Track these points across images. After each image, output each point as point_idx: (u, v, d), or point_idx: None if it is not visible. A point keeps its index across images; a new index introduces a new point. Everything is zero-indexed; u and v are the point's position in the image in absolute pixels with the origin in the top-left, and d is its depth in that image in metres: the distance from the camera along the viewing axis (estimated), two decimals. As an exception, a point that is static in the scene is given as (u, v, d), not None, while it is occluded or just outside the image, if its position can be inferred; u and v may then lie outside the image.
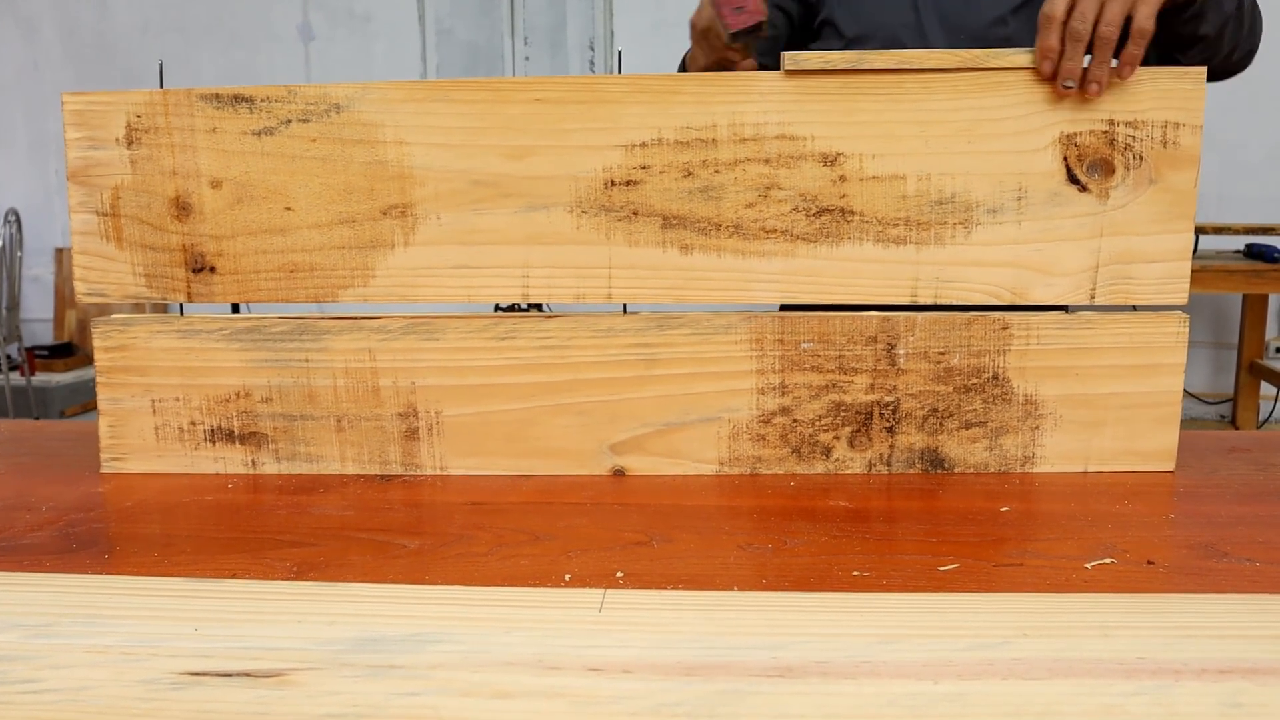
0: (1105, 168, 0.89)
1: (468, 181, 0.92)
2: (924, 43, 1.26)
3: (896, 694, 0.51)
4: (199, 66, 4.61)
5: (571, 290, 0.93)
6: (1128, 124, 0.89)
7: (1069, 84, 0.87)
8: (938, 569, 0.70)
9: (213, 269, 0.95)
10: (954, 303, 0.92)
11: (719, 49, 1.14)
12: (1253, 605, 0.61)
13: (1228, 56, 1.12)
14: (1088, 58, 0.87)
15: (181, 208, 0.94)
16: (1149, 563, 0.71)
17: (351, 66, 4.58)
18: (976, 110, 0.89)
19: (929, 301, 0.92)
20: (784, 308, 1.03)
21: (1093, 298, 0.91)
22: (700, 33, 1.16)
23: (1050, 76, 0.88)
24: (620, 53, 1.09)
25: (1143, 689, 0.51)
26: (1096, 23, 0.86)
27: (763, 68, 1.19)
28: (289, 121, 0.92)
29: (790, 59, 0.89)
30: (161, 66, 1.01)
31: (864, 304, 0.92)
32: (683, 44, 1.29)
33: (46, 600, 0.64)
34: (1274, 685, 0.51)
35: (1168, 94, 0.88)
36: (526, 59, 4.60)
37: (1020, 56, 0.88)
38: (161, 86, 0.94)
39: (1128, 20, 0.87)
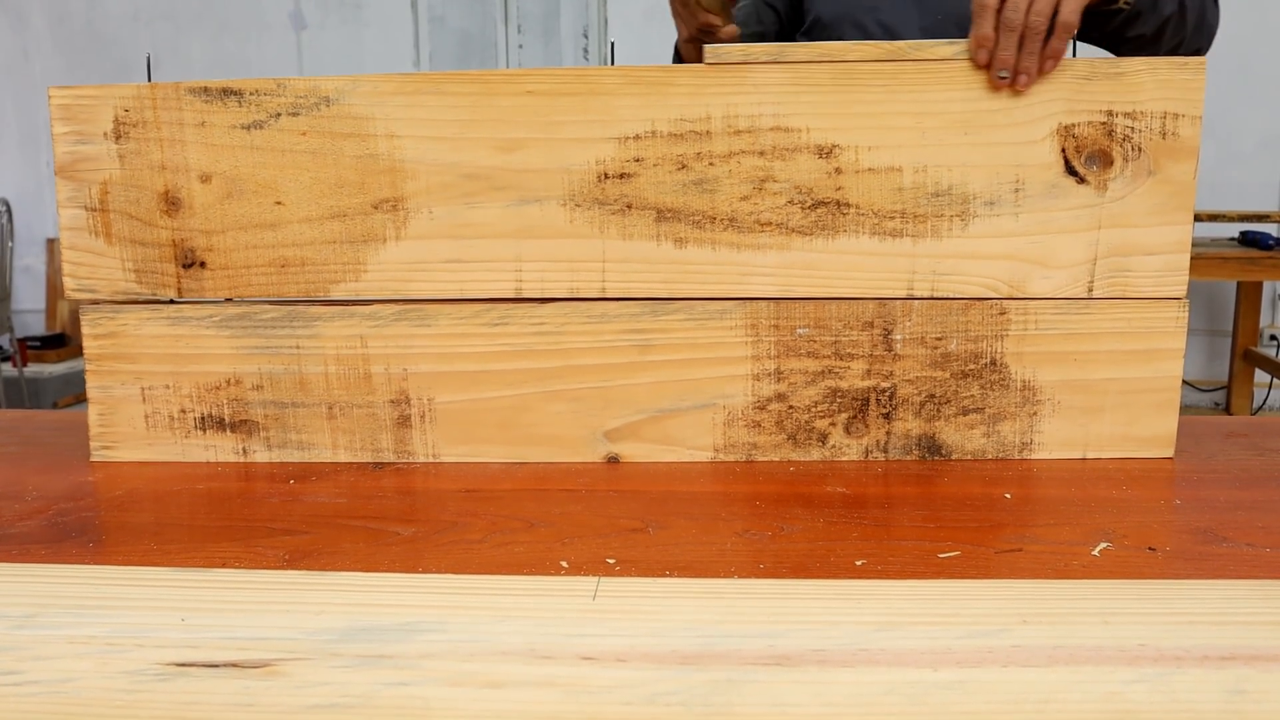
0: (1104, 159, 0.88)
1: (459, 175, 0.91)
2: (895, 24, 1.24)
3: (895, 682, 0.50)
4: (189, 55, 4.59)
5: (565, 284, 0.92)
6: (1126, 115, 0.88)
7: (1003, 74, 0.86)
8: (938, 555, 0.69)
9: (203, 264, 0.94)
10: (950, 296, 0.91)
11: (696, 13, 1.12)
12: (1254, 591, 0.60)
13: (1173, 50, 1.10)
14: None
15: (171, 202, 0.93)
16: (1149, 549, 0.70)
17: (343, 55, 4.56)
18: (973, 101, 0.88)
19: (925, 295, 0.91)
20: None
21: (1090, 290, 0.90)
22: (678, 2, 1.14)
23: (985, 65, 0.87)
24: (613, 43, 1.08)
25: (1144, 676, 0.50)
26: (1027, 13, 0.85)
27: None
28: (279, 115, 0.91)
29: (711, 52, 0.88)
30: (149, 60, 1.00)
31: (860, 297, 0.91)
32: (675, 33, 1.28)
33: (31, 590, 0.63)
34: (1277, 672, 0.50)
35: (1167, 84, 0.87)
36: (520, 47, 4.58)
37: (947, 48, 0.87)
38: (149, 80, 0.92)
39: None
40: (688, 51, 1.21)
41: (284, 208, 0.92)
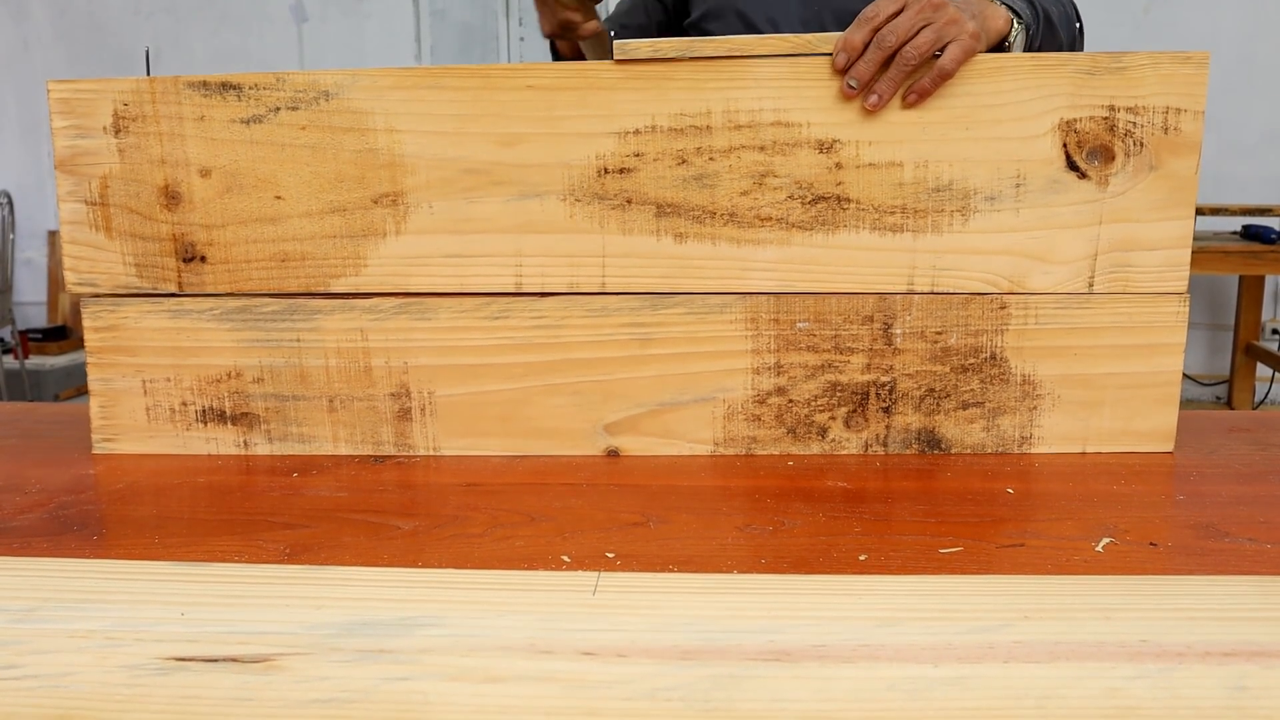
0: (1105, 154, 0.88)
1: (459, 169, 0.91)
2: (777, 16, 1.22)
3: (895, 677, 0.50)
4: (190, 48, 4.58)
5: (565, 279, 0.92)
6: (1128, 110, 0.87)
7: (853, 84, 0.86)
8: (939, 550, 0.69)
9: (203, 258, 0.94)
10: (951, 291, 0.90)
11: (555, 10, 1.12)
12: (1256, 587, 0.60)
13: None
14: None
15: (171, 197, 0.92)
16: (1151, 544, 0.70)
17: (344, 48, 4.55)
18: (974, 96, 0.87)
19: (925, 290, 0.91)
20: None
21: (1091, 286, 0.90)
22: None
23: (842, 69, 0.86)
24: (614, 36, 1.07)
25: (1145, 672, 0.50)
26: (905, 42, 0.85)
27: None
28: (278, 109, 0.90)
29: (619, 48, 0.88)
30: (148, 54, 1.00)
31: (860, 292, 0.91)
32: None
33: (32, 584, 0.63)
34: (1279, 668, 0.50)
35: (1169, 79, 0.87)
36: (521, 40, 4.57)
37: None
38: (149, 74, 0.92)
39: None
40: (561, 46, 1.20)
41: (284, 202, 0.92)
